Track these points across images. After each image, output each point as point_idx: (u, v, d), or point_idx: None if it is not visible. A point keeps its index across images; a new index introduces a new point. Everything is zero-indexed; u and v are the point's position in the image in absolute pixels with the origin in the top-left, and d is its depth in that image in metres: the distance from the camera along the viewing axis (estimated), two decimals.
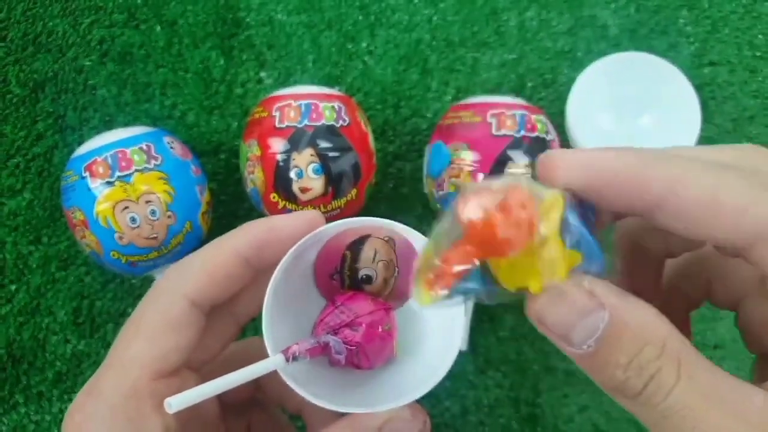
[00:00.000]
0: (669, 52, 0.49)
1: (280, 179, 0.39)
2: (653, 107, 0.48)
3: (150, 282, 0.44)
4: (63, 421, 0.23)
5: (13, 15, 0.47)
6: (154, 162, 0.38)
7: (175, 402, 0.21)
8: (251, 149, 0.40)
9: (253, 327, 0.42)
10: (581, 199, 0.20)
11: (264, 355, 0.24)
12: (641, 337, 0.19)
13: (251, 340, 0.33)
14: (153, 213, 0.38)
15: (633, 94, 0.47)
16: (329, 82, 0.48)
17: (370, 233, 0.27)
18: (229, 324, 0.28)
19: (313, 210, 0.27)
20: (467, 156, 0.40)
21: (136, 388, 0.23)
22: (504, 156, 0.39)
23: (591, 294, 0.19)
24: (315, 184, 0.39)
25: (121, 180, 0.37)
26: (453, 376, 0.25)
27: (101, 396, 0.23)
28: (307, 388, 0.24)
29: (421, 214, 0.47)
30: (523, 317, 0.23)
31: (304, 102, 0.39)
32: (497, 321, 0.46)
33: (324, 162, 0.39)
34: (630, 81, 0.47)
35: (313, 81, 0.48)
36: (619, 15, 0.50)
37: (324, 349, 0.25)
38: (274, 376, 0.24)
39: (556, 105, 0.48)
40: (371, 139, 0.42)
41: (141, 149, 0.38)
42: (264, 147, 0.39)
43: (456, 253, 0.19)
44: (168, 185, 0.38)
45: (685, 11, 0.50)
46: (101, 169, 0.37)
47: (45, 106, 0.46)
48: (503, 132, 0.40)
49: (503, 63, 0.49)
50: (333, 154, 0.39)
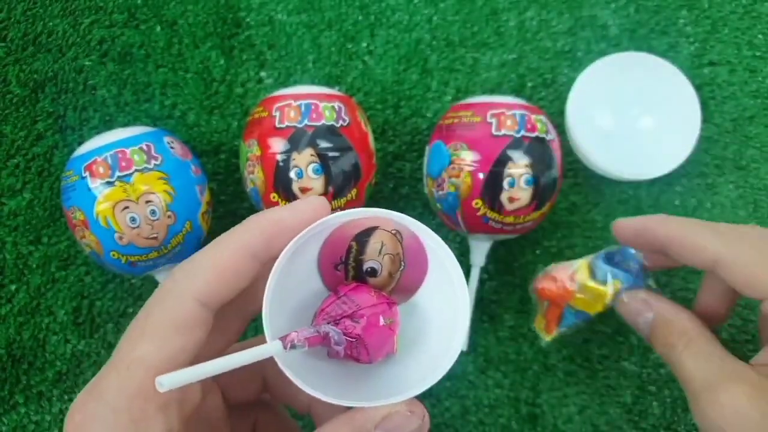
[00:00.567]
0: (669, 52, 0.49)
1: (280, 179, 0.39)
2: (653, 107, 0.48)
3: (150, 282, 0.44)
4: (64, 421, 0.23)
5: (14, 15, 0.47)
6: (154, 162, 0.38)
7: (167, 381, 0.21)
8: (251, 149, 0.40)
9: (254, 327, 0.42)
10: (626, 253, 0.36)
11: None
12: (670, 326, 0.32)
13: (255, 340, 0.33)
14: (153, 213, 0.38)
15: (633, 94, 0.47)
16: (329, 82, 0.48)
17: (378, 225, 0.26)
18: (235, 320, 0.28)
19: (320, 197, 0.26)
20: (467, 156, 0.40)
21: (141, 389, 0.23)
22: (504, 156, 0.39)
23: (644, 301, 0.34)
24: (315, 184, 0.39)
25: (121, 180, 0.37)
26: (453, 376, 0.25)
27: (104, 396, 0.23)
28: (305, 379, 0.23)
29: (421, 214, 0.47)
30: (523, 317, 0.24)
31: (304, 102, 0.39)
32: (497, 321, 0.46)
33: (324, 162, 0.39)
34: (630, 81, 0.47)
35: (313, 81, 0.48)
36: (619, 15, 0.50)
37: (323, 339, 0.25)
38: (280, 375, 0.23)
39: (556, 105, 0.48)
40: (371, 139, 0.42)
41: (141, 149, 0.38)
42: (264, 147, 0.39)
43: (550, 311, 0.38)
44: (168, 185, 0.38)
45: (685, 11, 0.50)
46: (101, 169, 0.37)
47: (45, 106, 0.46)
48: (503, 132, 0.40)
49: (503, 63, 0.49)
50: (333, 154, 0.39)
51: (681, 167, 0.46)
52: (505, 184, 0.39)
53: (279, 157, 0.39)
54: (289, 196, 0.39)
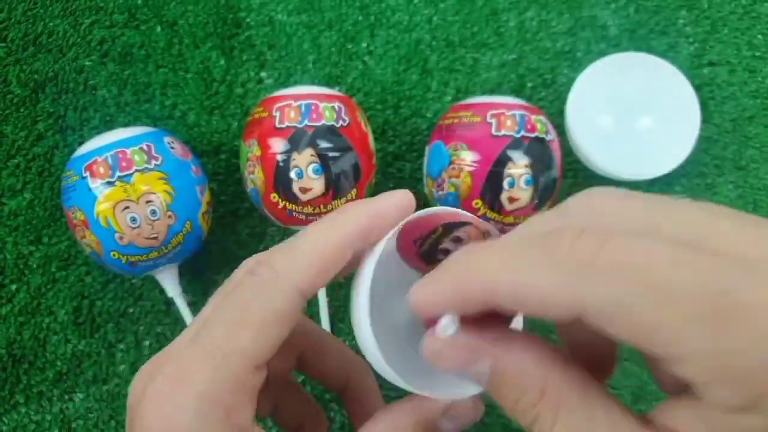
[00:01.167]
0: (669, 52, 0.49)
1: (280, 179, 0.39)
2: (653, 107, 0.48)
3: (150, 282, 0.45)
4: (142, 407, 0.22)
5: (14, 15, 0.47)
6: (154, 162, 0.38)
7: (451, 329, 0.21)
8: (251, 149, 0.40)
9: None
10: None
11: (310, 330, 0.24)
12: (520, 385, 0.21)
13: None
14: (153, 213, 0.38)
15: (633, 94, 0.47)
16: (329, 82, 0.48)
17: (471, 222, 0.26)
18: (301, 303, 0.28)
19: (406, 191, 0.26)
20: (467, 156, 0.40)
21: (238, 380, 0.22)
22: (504, 156, 0.39)
23: (469, 346, 0.21)
24: (315, 184, 0.39)
25: (122, 180, 0.37)
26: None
27: (196, 387, 0.22)
28: (390, 368, 0.24)
29: None
30: (523, 317, 0.24)
31: (304, 102, 0.39)
32: None
33: (324, 162, 0.39)
34: (630, 81, 0.47)
35: (313, 81, 0.48)
36: (619, 15, 0.50)
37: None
38: (319, 351, 0.23)
39: (556, 105, 0.48)
40: (371, 139, 0.42)
41: (141, 149, 0.38)
42: (264, 147, 0.39)
43: None
44: (168, 185, 0.38)
45: (685, 11, 0.50)
46: (102, 169, 0.37)
47: (45, 106, 0.46)
48: (503, 132, 0.40)
49: (503, 63, 0.49)
50: (333, 154, 0.39)
51: (681, 167, 0.46)
52: (505, 184, 0.39)
53: (279, 158, 0.39)
54: (289, 196, 0.39)
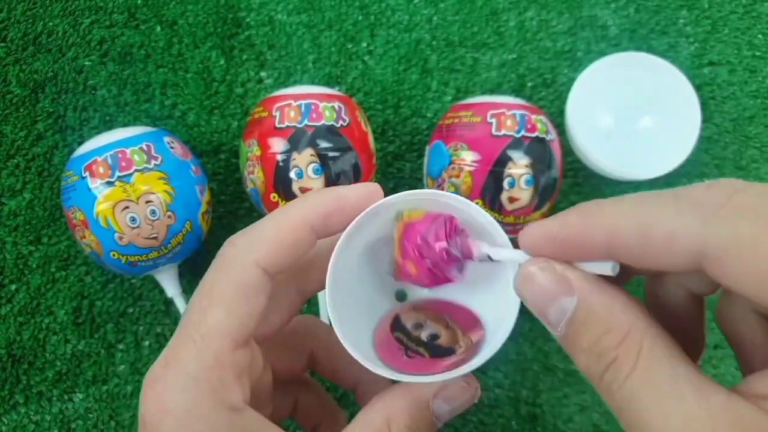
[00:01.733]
0: (669, 52, 0.49)
1: (280, 179, 0.39)
2: (653, 107, 0.48)
3: (150, 282, 0.44)
4: (141, 393, 0.23)
5: (14, 15, 0.47)
6: (154, 162, 0.38)
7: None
8: (251, 149, 0.40)
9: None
10: None
11: (319, 331, 0.24)
12: (604, 324, 0.20)
13: (306, 317, 0.33)
14: (153, 213, 0.38)
15: (633, 94, 0.47)
16: (329, 82, 0.48)
17: (397, 312, 0.28)
18: (293, 299, 0.28)
19: (374, 183, 0.27)
20: (467, 156, 0.40)
21: (218, 358, 0.23)
22: (504, 156, 0.39)
23: (562, 278, 0.21)
24: (315, 184, 0.39)
25: (122, 180, 0.37)
26: (490, 356, 0.26)
27: (182, 367, 0.23)
28: (368, 357, 0.24)
29: None
30: (524, 317, 0.24)
31: (304, 102, 0.39)
32: None
33: (324, 162, 0.39)
34: (630, 81, 0.47)
35: (313, 81, 0.48)
36: (619, 15, 0.50)
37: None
38: (328, 350, 0.24)
39: (556, 105, 0.48)
40: (371, 139, 0.42)
41: (141, 149, 0.38)
42: (264, 147, 0.39)
43: None
44: (168, 185, 0.38)
45: (685, 11, 0.50)
46: (101, 169, 0.37)
47: (45, 106, 0.46)
48: (503, 132, 0.40)
49: (503, 63, 0.49)
50: (333, 154, 0.39)
51: (681, 167, 0.46)
52: (505, 184, 0.39)
53: (279, 157, 0.39)
54: (289, 196, 0.39)
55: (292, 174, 0.39)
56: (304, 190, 0.39)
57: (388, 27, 0.49)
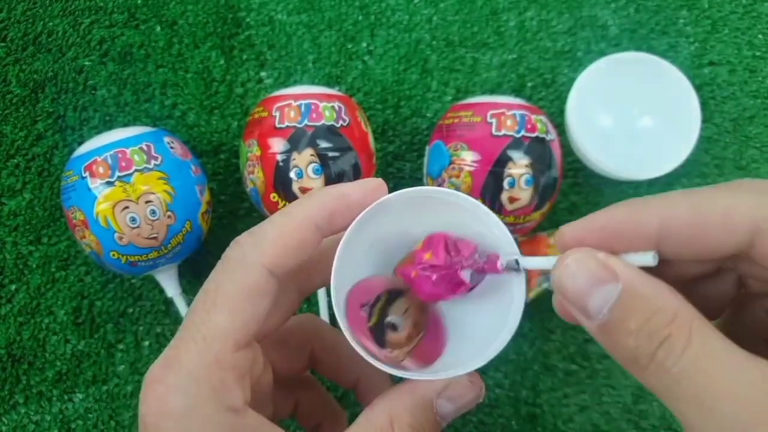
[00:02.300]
0: (669, 52, 0.49)
1: (280, 179, 0.39)
2: (653, 107, 0.48)
3: (150, 282, 0.44)
4: (141, 393, 0.23)
5: (14, 15, 0.47)
6: (154, 162, 0.38)
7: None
8: (251, 149, 0.40)
9: None
10: None
11: (319, 329, 0.24)
12: (652, 305, 0.20)
13: (307, 316, 0.33)
14: (153, 213, 0.38)
15: (633, 94, 0.47)
16: (329, 82, 0.48)
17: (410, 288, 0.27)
18: (293, 297, 0.28)
19: (379, 179, 0.27)
20: (467, 156, 0.40)
21: (219, 359, 0.23)
22: (504, 156, 0.39)
23: (605, 265, 0.21)
24: (315, 184, 0.39)
25: (121, 180, 0.37)
26: (495, 356, 0.26)
27: (183, 368, 0.23)
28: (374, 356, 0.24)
29: None
30: (523, 317, 0.24)
31: (304, 102, 0.39)
32: None
33: (324, 162, 0.39)
34: (630, 81, 0.47)
35: (313, 81, 0.48)
36: (619, 15, 0.50)
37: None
38: (329, 350, 0.24)
39: (556, 105, 0.48)
40: (371, 139, 0.42)
41: (141, 149, 0.38)
42: (264, 147, 0.39)
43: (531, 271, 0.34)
44: (168, 185, 0.38)
45: (685, 11, 0.50)
46: (101, 169, 0.37)
47: (45, 106, 0.46)
48: (503, 132, 0.40)
49: (503, 63, 0.49)
50: (333, 154, 0.39)
51: (681, 167, 0.46)
52: (505, 184, 0.39)
53: (279, 157, 0.39)
54: (289, 196, 0.39)
55: (292, 174, 0.39)
56: (304, 190, 0.39)
57: (388, 27, 0.49)
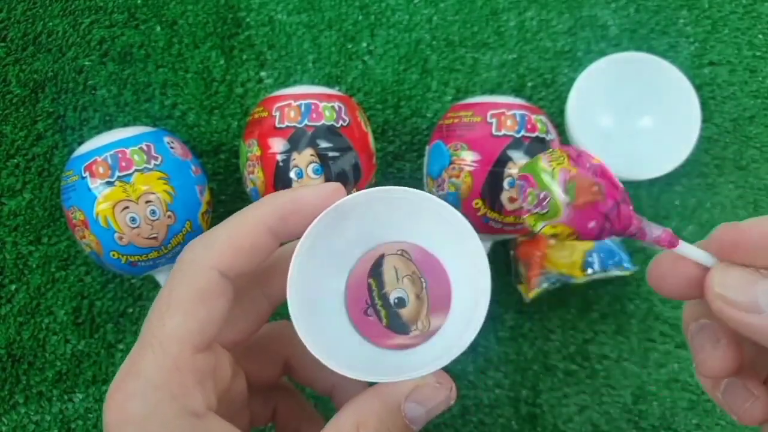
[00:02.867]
0: (669, 52, 0.49)
1: (280, 179, 0.39)
2: (653, 107, 0.48)
3: (150, 282, 0.44)
4: (104, 403, 0.23)
5: (13, 15, 0.47)
6: (154, 162, 0.38)
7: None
8: (251, 149, 0.40)
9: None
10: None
11: (293, 336, 0.24)
12: None
13: (280, 323, 0.33)
14: (153, 213, 0.38)
15: (633, 94, 0.47)
16: (329, 82, 0.48)
17: (383, 252, 0.27)
18: (262, 304, 0.28)
19: (336, 183, 0.26)
20: (467, 156, 0.40)
21: (177, 364, 0.23)
22: (504, 156, 0.39)
23: (750, 278, 0.22)
24: (315, 183, 0.39)
25: (121, 180, 0.37)
26: (453, 376, 0.25)
27: (142, 374, 0.23)
28: (335, 360, 0.24)
29: None
30: (523, 317, 0.24)
31: (304, 102, 0.39)
32: (497, 321, 0.46)
33: (324, 162, 0.39)
34: (630, 81, 0.47)
35: (313, 81, 0.48)
36: (619, 15, 0.50)
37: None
38: (304, 356, 0.24)
39: (556, 105, 0.48)
40: (371, 139, 0.42)
41: (141, 149, 0.38)
42: (264, 147, 0.39)
43: (531, 270, 0.43)
44: (168, 185, 0.38)
45: (685, 11, 0.50)
46: (101, 169, 0.37)
47: (45, 106, 0.46)
48: (503, 132, 0.40)
49: (503, 63, 0.49)
50: (333, 154, 0.39)
51: (681, 167, 0.46)
52: (506, 184, 0.39)
53: (279, 157, 0.39)
54: None
55: (292, 174, 0.39)
56: None
57: (388, 27, 0.49)
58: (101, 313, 0.45)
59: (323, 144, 0.39)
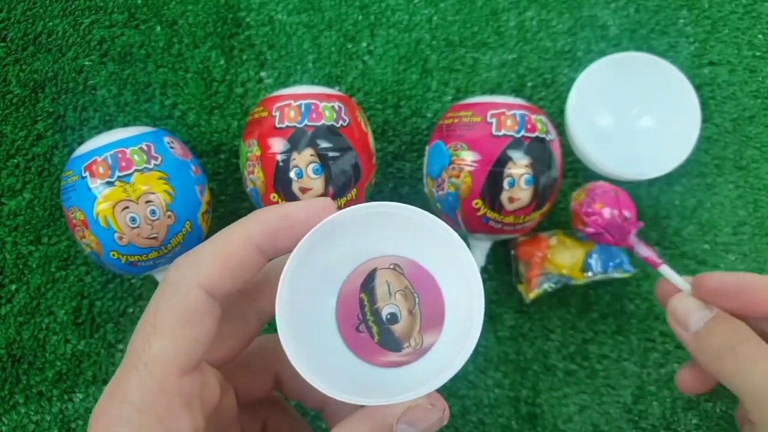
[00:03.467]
0: (669, 52, 0.49)
1: (280, 179, 0.39)
2: (653, 107, 0.48)
3: (150, 282, 0.44)
4: (88, 425, 0.23)
5: (13, 15, 0.47)
6: (154, 162, 0.38)
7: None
8: (251, 149, 0.40)
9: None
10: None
11: (282, 351, 0.23)
12: (734, 328, 0.31)
13: (270, 337, 0.33)
14: (153, 213, 0.38)
15: (633, 94, 0.47)
16: (329, 82, 0.48)
17: (375, 266, 0.26)
18: (251, 321, 0.28)
19: (326, 198, 0.26)
20: (467, 156, 0.40)
21: (163, 386, 0.22)
22: (504, 156, 0.39)
23: (703, 302, 0.33)
24: (315, 184, 0.39)
25: (122, 180, 0.37)
26: (453, 376, 0.25)
27: (126, 397, 0.22)
28: (325, 380, 0.23)
29: None
30: (524, 317, 0.24)
31: (304, 102, 0.39)
32: (497, 321, 0.46)
33: (324, 162, 0.39)
34: (630, 81, 0.47)
35: (313, 81, 0.48)
36: (619, 15, 0.50)
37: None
38: (294, 372, 0.23)
39: (556, 105, 0.48)
40: (371, 139, 0.42)
41: (141, 149, 0.38)
42: (264, 147, 0.39)
43: (531, 271, 0.44)
44: (168, 185, 0.38)
45: (685, 11, 0.50)
46: (101, 169, 0.37)
47: (45, 106, 0.46)
48: (503, 132, 0.40)
49: (503, 63, 0.49)
50: (333, 154, 0.39)
51: (681, 167, 0.46)
52: (505, 184, 0.39)
53: (279, 157, 0.39)
54: (289, 196, 0.39)
55: (292, 174, 0.39)
56: (304, 190, 0.39)
57: (388, 27, 0.49)
58: (101, 313, 0.45)
59: (323, 144, 0.39)
